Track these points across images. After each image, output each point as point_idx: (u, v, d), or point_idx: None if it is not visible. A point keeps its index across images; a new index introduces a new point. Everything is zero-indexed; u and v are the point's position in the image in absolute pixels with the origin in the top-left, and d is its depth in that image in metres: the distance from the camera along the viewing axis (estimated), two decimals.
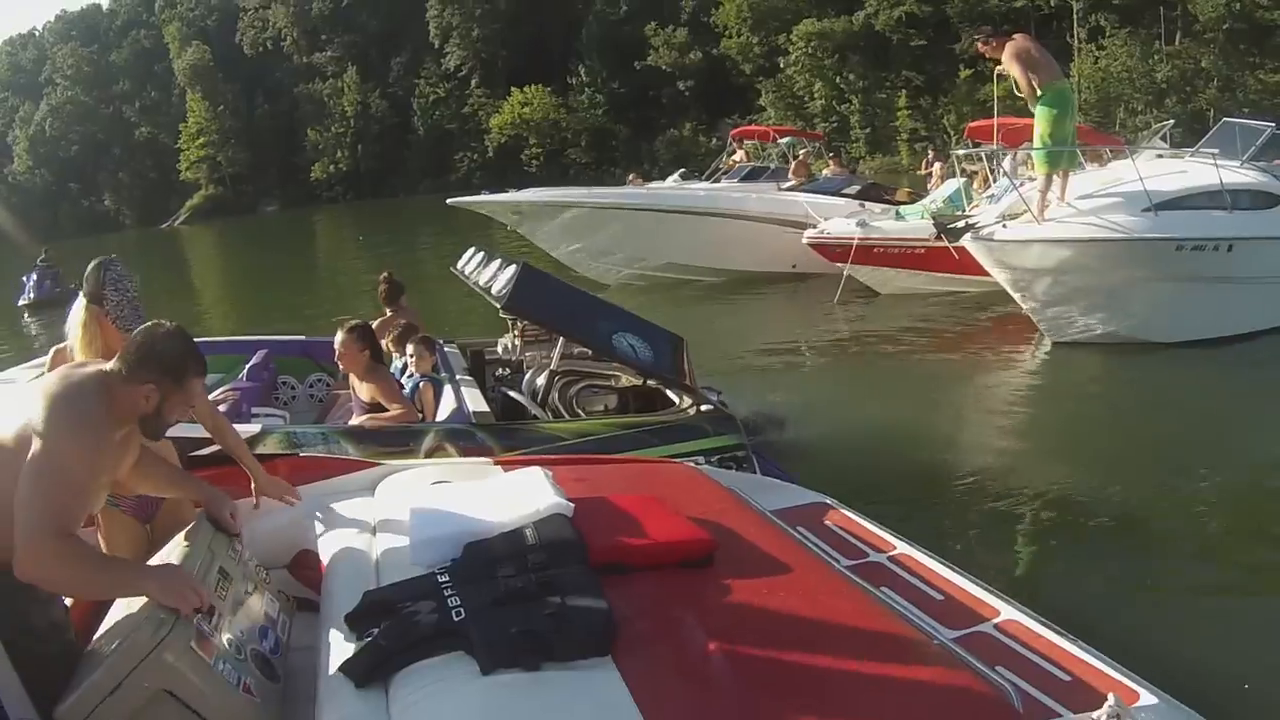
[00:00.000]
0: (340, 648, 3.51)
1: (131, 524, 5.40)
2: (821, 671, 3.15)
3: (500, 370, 10.16)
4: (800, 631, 3.39)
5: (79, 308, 5.72)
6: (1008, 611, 3.86)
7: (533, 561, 3.67)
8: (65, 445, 3.63)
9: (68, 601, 4.03)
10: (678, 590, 3.63)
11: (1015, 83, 13.96)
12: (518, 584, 3.49)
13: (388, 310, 11.10)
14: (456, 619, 3.30)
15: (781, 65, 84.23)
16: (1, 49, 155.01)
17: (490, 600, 3.38)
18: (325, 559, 4.51)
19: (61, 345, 5.93)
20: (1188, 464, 9.79)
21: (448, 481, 4.99)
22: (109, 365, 3.97)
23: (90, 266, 5.78)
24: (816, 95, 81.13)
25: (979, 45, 15.17)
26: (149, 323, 4.18)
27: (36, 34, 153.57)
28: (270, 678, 3.72)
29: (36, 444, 3.59)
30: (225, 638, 3.60)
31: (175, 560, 3.87)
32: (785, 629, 3.41)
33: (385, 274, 11.61)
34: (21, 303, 34.79)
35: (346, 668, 3.30)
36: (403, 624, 3.36)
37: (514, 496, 4.26)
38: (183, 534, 4.20)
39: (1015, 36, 14.30)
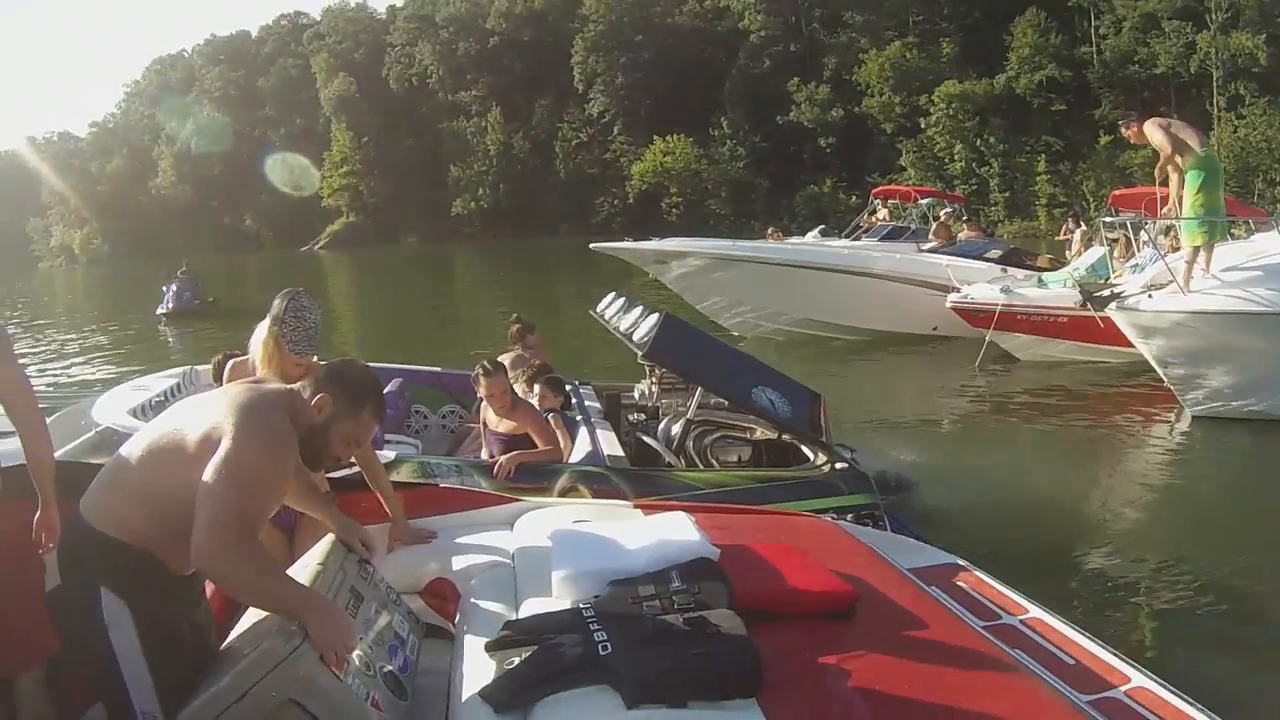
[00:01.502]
0: (477, 674, 3.56)
1: (274, 531, 5.57)
2: None
3: (635, 415, 10.18)
4: (941, 686, 3.40)
5: (263, 327, 6.06)
6: (1138, 679, 3.82)
7: (679, 602, 3.72)
8: (258, 448, 3.71)
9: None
10: (820, 639, 3.64)
11: (1158, 150, 13.84)
12: (665, 622, 3.54)
13: (517, 348, 11.26)
14: (603, 652, 3.33)
15: (923, 125, 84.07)
16: (151, 67, 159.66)
17: (638, 637, 3.41)
18: (461, 588, 4.59)
19: (243, 358, 6.25)
20: None
21: (588, 521, 5.04)
22: (295, 386, 4.10)
23: (280, 294, 6.09)
24: (956, 157, 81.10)
25: (1122, 130, 15.11)
26: (349, 358, 4.34)
27: (185, 55, 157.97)
28: (399, 695, 3.77)
29: (227, 445, 3.67)
30: (356, 654, 3.65)
31: (307, 576, 3.93)
32: (927, 682, 3.41)
33: (515, 315, 12.07)
34: (160, 312, 35.77)
35: (486, 693, 3.34)
36: (547, 654, 3.39)
37: (659, 538, 4.31)
38: (317, 550, 4.28)
39: (1151, 118, 14.19)
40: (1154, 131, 13.79)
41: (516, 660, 3.43)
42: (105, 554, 3.74)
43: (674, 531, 4.40)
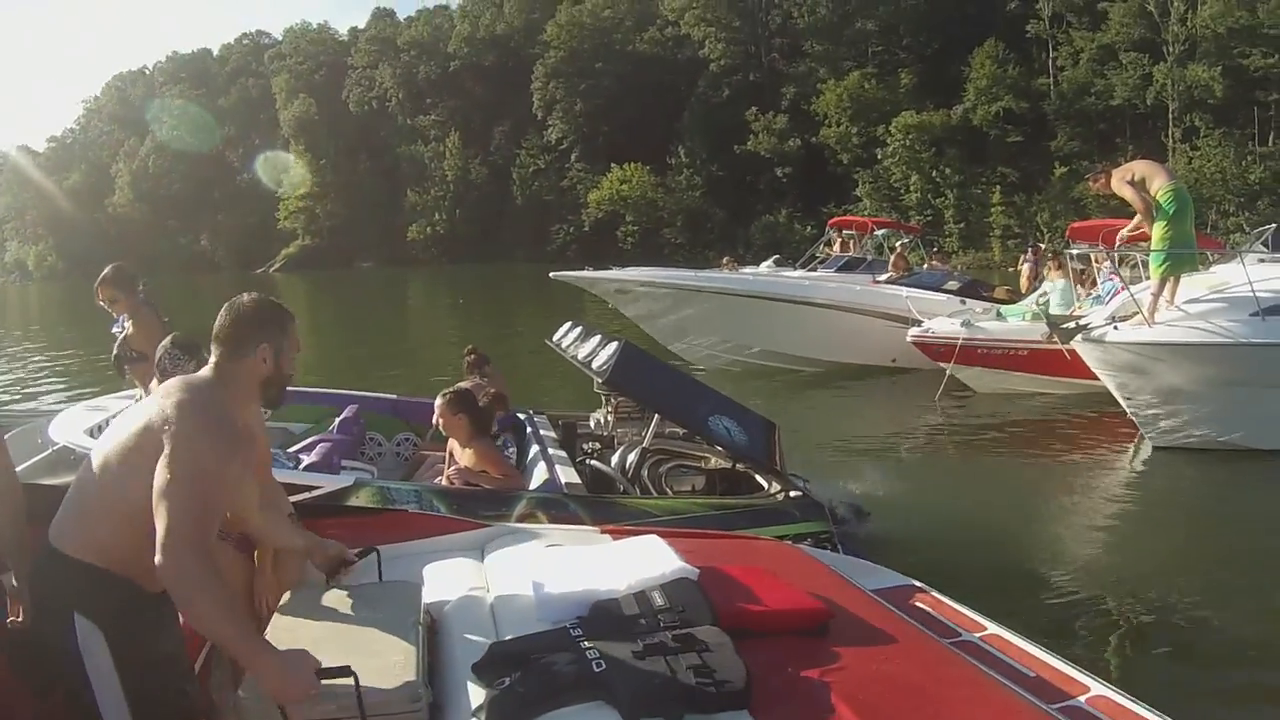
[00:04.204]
0: (461, 698, 3.61)
1: (238, 558, 5.27)
2: None
3: (590, 444, 10.26)
4: (921, 697, 3.50)
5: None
6: (1097, 688, 3.95)
7: (664, 621, 3.77)
8: (196, 439, 3.67)
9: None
10: (799, 655, 3.72)
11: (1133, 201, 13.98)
12: (655, 639, 3.57)
13: (474, 377, 11.30)
14: (597, 670, 3.37)
15: (879, 156, 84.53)
16: (111, 83, 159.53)
17: (630, 653, 3.46)
18: (434, 614, 4.56)
19: None
20: None
21: (559, 545, 5.10)
22: (211, 359, 4.08)
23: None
24: (912, 188, 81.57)
25: (1090, 184, 15.32)
26: (230, 301, 4.22)
27: (147, 72, 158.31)
28: None
29: (168, 447, 3.65)
30: None
31: None
32: (906, 694, 3.51)
33: (470, 347, 12.08)
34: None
35: (482, 714, 3.40)
36: (540, 673, 3.43)
37: (636, 560, 4.36)
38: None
39: (1117, 169, 14.34)
40: (1123, 188, 13.91)
41: (507, 680, 3.47)
42: (75, 578, 3.74)
43: (650, 553, 4.47)
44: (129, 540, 3.70)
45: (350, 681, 3.44)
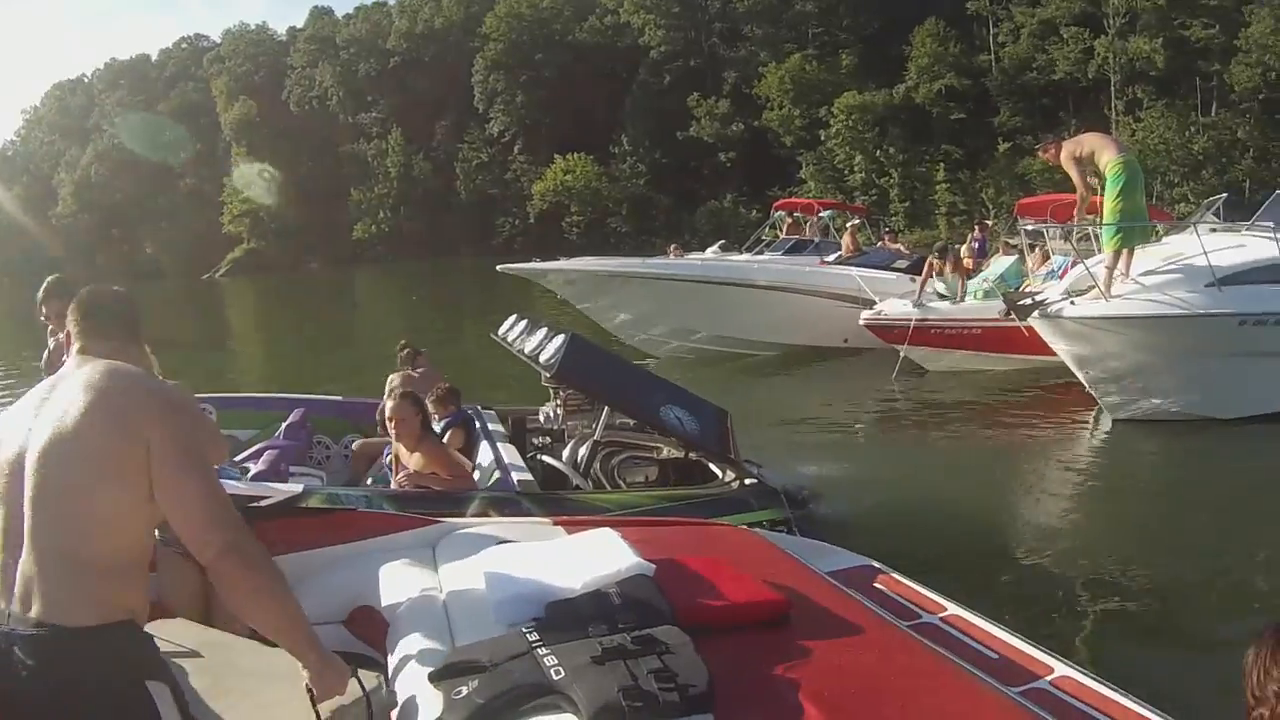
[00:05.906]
0: (419, 706, 3.50)
1: (188, 567, 4.77)
2: None
3: (540, 439, 10.21)
4: (885, 688, 3.47)
5: None
6: (1061, 669, 3.93)
7: (622, 621, 3.68)
8: (185, 427, 3.31)
9: None
10: (759, 649, 3.67)
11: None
12: (614, 643, 3.47)
13: (408, 370, 11.44)
14: (556, 676, 3.29)
15: (822, 138, 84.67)
16: (50, 93, 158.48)
17: (589, 658, 3.36)
18: (388, 616, 4.50)
19: None
20: (1246, 539, 9.76)
21: (512, 541, 4.99)
22: (109, 347, 3.55)
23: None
24: (856, 168, 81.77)
25: (1041, 154, 15.46)
26: (96, 290, 3.83)
27: (85, 80, 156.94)
28: None
29: (159, 444, 3.13)
30: None
31: None
32: (870, 685, 3.48)
33: (403, 341, 12.43)
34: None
35: None
36: (498, 681, 3.34)
37: (591, 557, 4.26)
38: None
39: (1068, 141, 14.42)
40: (1070, 166, 14.09)
41: (465, 690, 3.36)
42: (124, 644, 3.13)
43: (605, 549, 4.36)
44: (125, 575, 3.17)
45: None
